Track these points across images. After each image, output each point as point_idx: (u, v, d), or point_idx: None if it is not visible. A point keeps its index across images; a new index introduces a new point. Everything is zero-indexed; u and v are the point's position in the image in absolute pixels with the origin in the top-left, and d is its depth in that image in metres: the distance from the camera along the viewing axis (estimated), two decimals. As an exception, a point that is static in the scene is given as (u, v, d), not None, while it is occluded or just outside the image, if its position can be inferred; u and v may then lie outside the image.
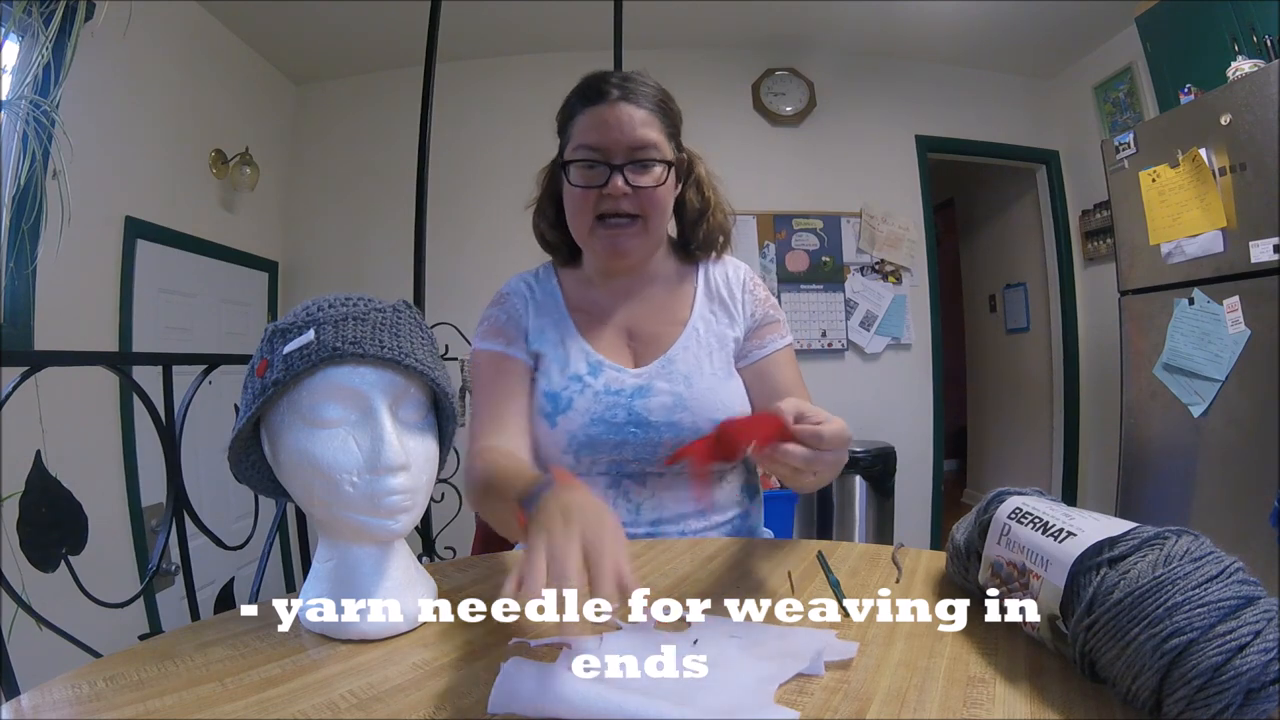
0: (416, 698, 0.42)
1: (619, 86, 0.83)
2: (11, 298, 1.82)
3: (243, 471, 0.56)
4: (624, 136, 0.82)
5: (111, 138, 2.15)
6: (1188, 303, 1.93)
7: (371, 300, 0.55)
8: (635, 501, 0.86)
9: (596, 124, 0.82)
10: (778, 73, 3.23)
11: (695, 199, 0.94)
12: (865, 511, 2.78)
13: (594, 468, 0.87)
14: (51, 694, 0.42)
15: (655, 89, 0.86)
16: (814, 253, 3.19)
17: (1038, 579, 0.45)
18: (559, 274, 0.97)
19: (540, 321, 0.92)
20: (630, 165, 0.82)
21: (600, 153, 0.82)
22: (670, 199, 0.87)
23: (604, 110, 0.82)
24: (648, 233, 0.86)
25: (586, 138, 0.83)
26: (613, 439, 0.85)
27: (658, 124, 0.84)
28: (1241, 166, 1.77)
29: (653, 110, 0.85)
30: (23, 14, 1.76)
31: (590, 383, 0.87)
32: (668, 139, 0.86)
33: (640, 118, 0.83)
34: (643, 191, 0.83)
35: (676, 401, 0.86)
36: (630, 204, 0.83)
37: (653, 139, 0.83)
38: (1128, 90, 2.91)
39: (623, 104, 0.83)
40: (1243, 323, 1.77)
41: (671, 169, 0.85)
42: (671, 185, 0.87)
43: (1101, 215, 3.09)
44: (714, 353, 0.91)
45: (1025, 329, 3.77)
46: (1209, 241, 1.86)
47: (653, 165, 0.83)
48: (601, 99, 0.83)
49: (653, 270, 0.94)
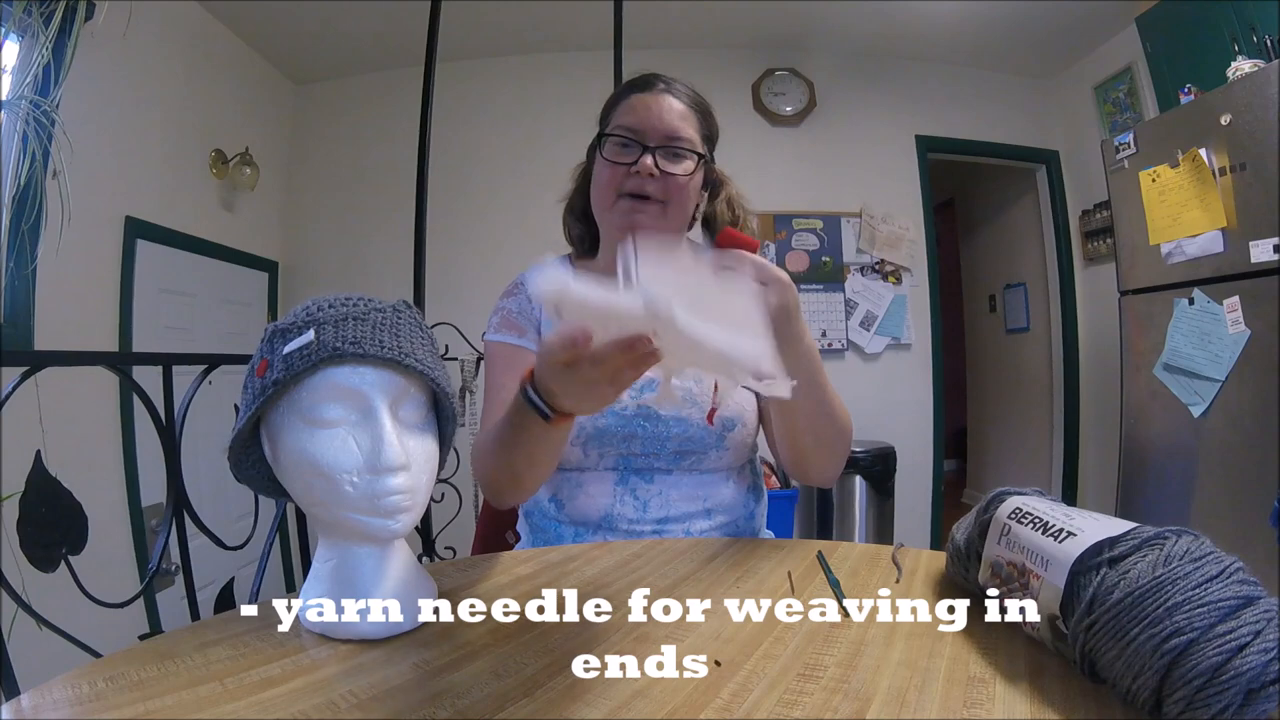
0: (416, 698, 0.42)
1: (665, 82, 0.89)
2: (11, 298, 1.82)
3: (243, 471, 0.56)
4: (661, 123, 0.85)
5: (111, 138, 2.15)
6: (1188, 303, 1.93)
7: (371, 300, 0.55)
8: (642, 499, 0.87)
9: (638, 107, 0.87)
10: (778, 73, 3.23)
11: (726, 213, 0.97)
12: (865, 511, 2.78)
13: (602, 461, 0.88)
14: (51, 694, 0.42)
15: (698, 96, 0.92)
16: (814, 253, 3.19)
17: (1038, 579, 0.45)
18: (575, 266, 0.98)
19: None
20: (663, 150, 0.85)
21: (636, 134, 0.85)
22: (694, 195, 0.89)
23: (647, 97, 0.87)
24: (666, 218, 0.87)
25: (625, 119, 0.87)
26: (622, 431, 0.86)
27: (695, 122, 0.88)
28: (1241, 166, 1.77)
29: (692, 108, 0.89)
30: (23, 14, 1.76)
31: None
32: (701, 139, 0.89)
33: (680, 110, 0.87)
34: (670, 178, 0.85)
35: (686, 396, 0.87)
36: (656, 188, 0.85)
37: (688, 133, 0.87)
38: (1128, 90, 2.91)
39: (666, 95, 0.88)
40: (1243, 323, 1.77)
41: (701, 165, 0.88)
42: (698, 184, 0.89)
43: (1101, 215, 3.09)
44: None
45: (1025, 329, 3.78)
46: (1209, 241, 1.86)
47: (684, 155, 0.86)
48: (648, 88, 0.88)
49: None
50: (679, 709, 0.40)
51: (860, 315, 3.19)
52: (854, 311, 3.19)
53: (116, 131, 2.18)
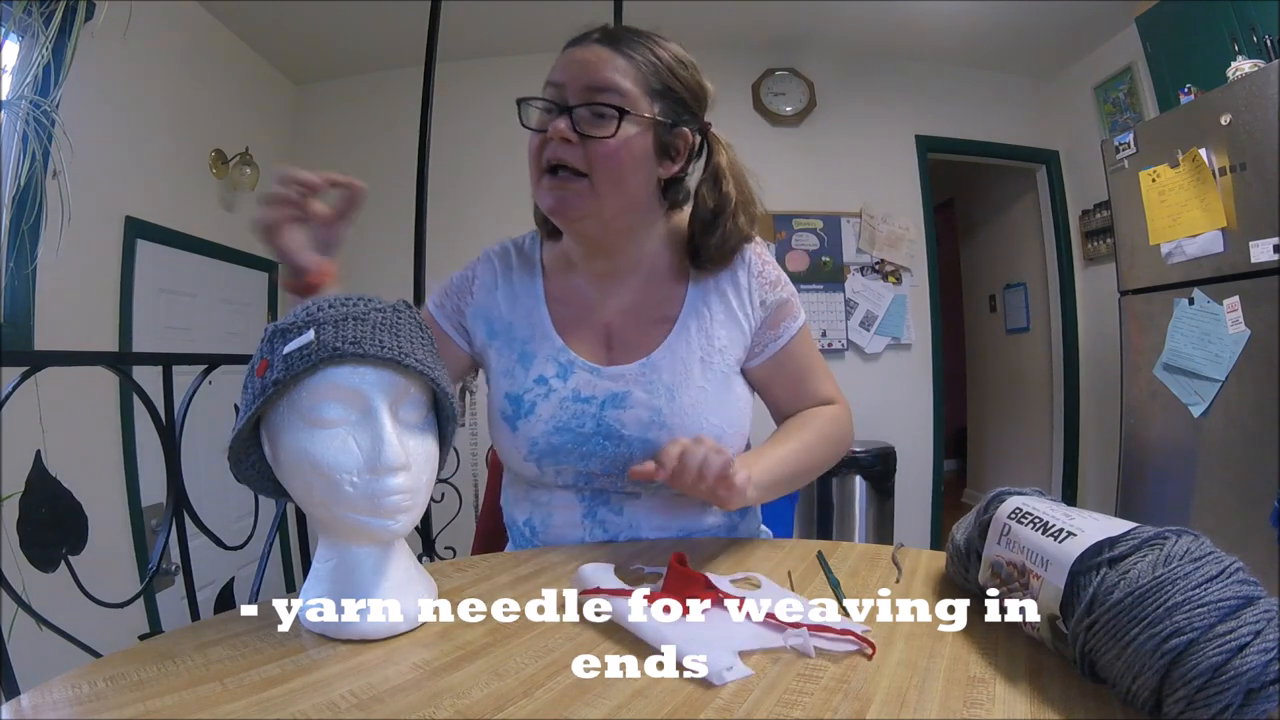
0: (416, 698, 0.42)
1: (605, 31, 0.75)
2: (11, 298, 1.82)
3: (243, 471, 0.56)
4: (582, 74, 0.71)
5: (111, 138, 2.15)
6: (1188, 303, 1.93)
7: (371, 300, 0.55)
8: (611, 533, 0.80)
9: (561, 63, 0.73)
10: (778, 73, 3.23)
11: (710, 196, 0.80)
12: (865, 511, 2.78)
13: (559, 477, 0.80)
14: (51, 694, 0.42)
15: (654, 43, 0.75)
16: (814, 253, 3.19)
17: (1038, 579, 0.45)
18: (544, 246, 0.89)
19: (512, 306, 0.84)
20: (583, 109, 0.70)
21: (558, 91, 0.72)
22: (634, 164, 0.73)
23: (575, 50, 0.74)
24: (597, 196, 0.72)
25: (550, 75, 0.73)
26: (578, 449, 0.77)
27: (634, 73, 0.72)
28: (1241, 166, 1.77)
29: (633, 58, 0.72)
30: (23, 14, 1.76)
31: (557, 387, 0.79)
32: (645, 93, 0.73)
33: (608, 59, 0.71)
34: (591, 144, 0.70)
35: (654, 417, 0.77)
36: (575, 156, 0.71)
37: (615, 83, 0.71)
38: (1128, 90, 2.91)
39: (597, 45, 0.73)
40: (1243, 323, 1.77)
41: (627, 122, 0.71)
42: (641, 149, 0.73)
43: (1101, 215, 3.09)
44: (706, 358, 0.80)
45: (1025, 329, 3.78)
46: (1209, 241, 1.86)
47: (608, 114, 0.70)
48: (582, 40, 0.75)
49: (639, 254, 0.82)
50: (679, 709, 0.40)
51: (860, 315, 3.19)
52: (854, 311, 3.19)
53: (116, 131, 2.18)
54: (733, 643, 0.47)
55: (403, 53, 2.87)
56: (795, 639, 0.48)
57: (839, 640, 0.48)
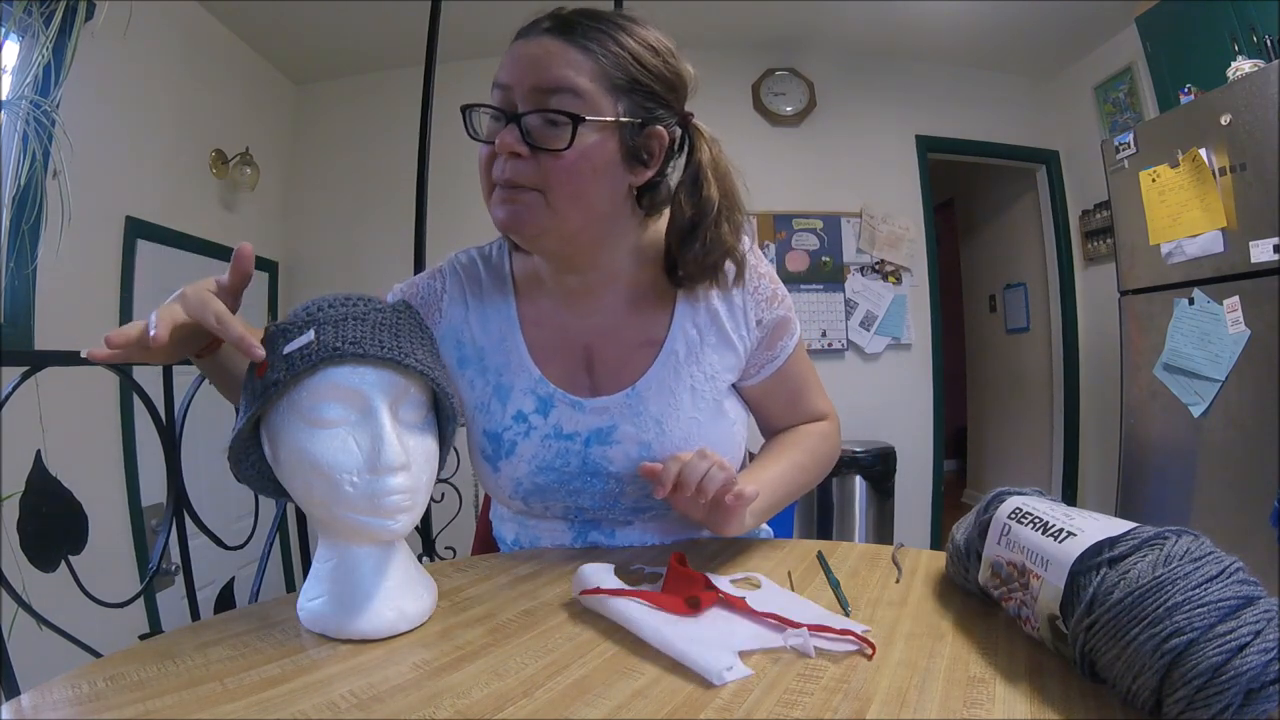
0: (416, 698, 0.42)
1: (556, 18, 0.63)
2: (11, 298, 1.82)
3: (243, 472, 0.56)
4: (530, 73, 0.60)
5: (111, 138, 2.15)
6: (1188, 303, 1.93)
7: (372, 300, 0.55)
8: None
9: (509, 60, 0.63)
10: (778, 73, 3.23)
11: (688, 204, 0.68)
12: (865, 511, 2.78)
13: (549, 511, 0.76)
14: (51, 694, 0.42)
15: (616, 29, 0.63)
16: (814, 253, 3.19)
17: (1038, 579, 0.45)
18: (512, 257, 0.79)
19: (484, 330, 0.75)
20: (533, 116, 0.60)
21: (505, 94, 0.62)
22: (594, 176, 0.62)
23: (522, 43, 0.63)
24: (555, 212, 0.62)
25: (497, 74, 0.63)
26: (565, 487, 0.73)
27: (591, 68, 0.61)
28: (1241, 166, 1.77)
29: (589, 49, 0.61)
30: (23, 14, 1.76)
31: (537, 424, 0.72)
32: (606, 91, 0.62)
33: (559, 54, 0.60)
34: (544, 156, 0.60)
35: (642, 452, 0.71)
36: (528, 172, 0.61)
37: (569, 81, 0.60)
38: (1128, 90, 2.91)
39: (547, 37, 0.61)
40: (1243, 323, 1.77)
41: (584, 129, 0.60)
42: (603, 158, 0.63)
43: (1101, 215, 3.09)
44: (696, 386, 0.73)
45: (1025, 329, 3.78)
46: (1209, 241, 1.86)
47: (561, 121, 0.60)
48: (530, 31, 0.63)
49: (613, 268, 0.72)
50: (679, 709, 0.40)
51: (860, 315, 3.19)
52: (854, 311, 3.19)
53: (116, 131, 2.18)
54: (733, 643, 0.48)
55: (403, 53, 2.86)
56: (795, 639, 0.48)
57: (839, 640, 0.48)
